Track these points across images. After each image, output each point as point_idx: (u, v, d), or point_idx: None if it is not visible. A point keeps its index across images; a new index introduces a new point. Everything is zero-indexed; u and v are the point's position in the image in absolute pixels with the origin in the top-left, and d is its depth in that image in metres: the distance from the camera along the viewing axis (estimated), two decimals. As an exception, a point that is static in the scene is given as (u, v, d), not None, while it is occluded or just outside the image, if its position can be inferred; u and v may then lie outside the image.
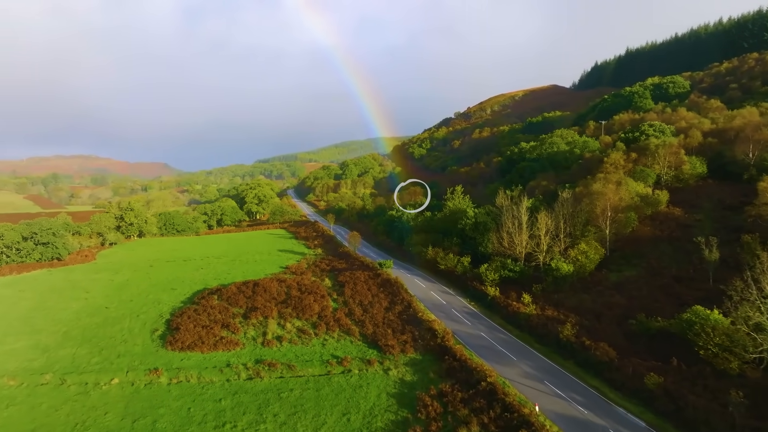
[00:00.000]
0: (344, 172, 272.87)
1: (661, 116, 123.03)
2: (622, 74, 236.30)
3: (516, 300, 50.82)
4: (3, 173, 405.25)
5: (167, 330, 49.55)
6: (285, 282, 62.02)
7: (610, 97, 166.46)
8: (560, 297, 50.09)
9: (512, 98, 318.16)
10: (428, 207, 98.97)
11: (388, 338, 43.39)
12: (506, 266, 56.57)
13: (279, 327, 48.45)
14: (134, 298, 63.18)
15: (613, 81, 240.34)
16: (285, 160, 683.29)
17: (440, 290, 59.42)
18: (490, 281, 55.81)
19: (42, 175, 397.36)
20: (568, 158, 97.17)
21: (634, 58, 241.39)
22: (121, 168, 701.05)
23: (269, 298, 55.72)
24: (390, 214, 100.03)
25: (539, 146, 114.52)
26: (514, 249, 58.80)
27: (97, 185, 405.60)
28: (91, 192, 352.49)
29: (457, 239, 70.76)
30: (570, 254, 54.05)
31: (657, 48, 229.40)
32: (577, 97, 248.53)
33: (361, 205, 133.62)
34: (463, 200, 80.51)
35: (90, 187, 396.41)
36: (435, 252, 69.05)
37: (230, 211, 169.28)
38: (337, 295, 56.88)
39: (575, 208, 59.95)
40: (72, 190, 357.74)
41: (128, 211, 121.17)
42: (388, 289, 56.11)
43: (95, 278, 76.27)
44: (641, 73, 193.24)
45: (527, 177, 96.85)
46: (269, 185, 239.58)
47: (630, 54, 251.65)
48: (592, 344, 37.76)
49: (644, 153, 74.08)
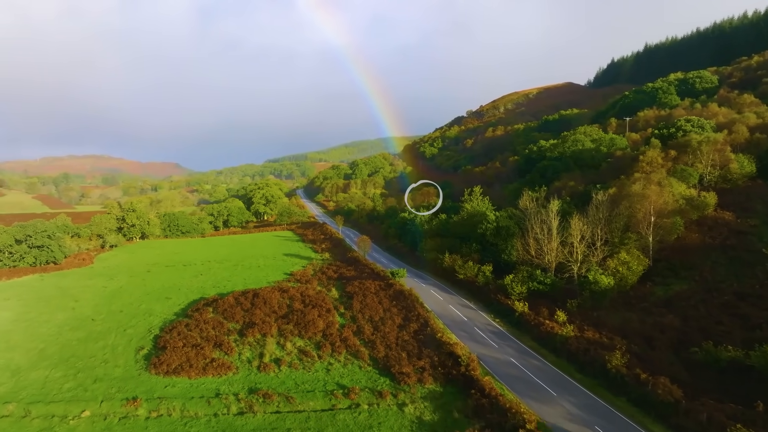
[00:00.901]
0: (354, 171, 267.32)
1: (690, 112, 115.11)
2: (641, 71, 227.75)
3: (548, 317, 44.41)
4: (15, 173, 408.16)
5: (153, 348, 44.15)
6: (287, 292, 56.33)
7: (631, 93, 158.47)
8: (600, 315, 43.57)
9: (526, 96, 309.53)
10: (442, 209, 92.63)
11: (403, 364, 37.35)
12: (535, 277, 50.11)
13: (278, 347, 42.71)
14: (125, 309, 58.06)
15: (631, 78, 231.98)
16: (295, 159, 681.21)
17: (459, 303, 53.15)
18: (517, 294, 49.43)
19: (53, 175, 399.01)
20: (595, 156, 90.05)
21: (653, 54, 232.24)
22: (133, 168, 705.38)
23: (269, 312, 50.04)
24: (402, 216, 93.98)
25: (561, 144, 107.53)
26: (543, 258, 52.33)
27: (108, 185, 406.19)
28: (102, 192, 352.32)
29: (477, 245, 64.42)
30: (609, 265, 47.48)
31: (677, 43, 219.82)
32: (594, 95, 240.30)
33: (372, 206, 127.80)
34: (482, 202, 74.11)
35: (100, 186, 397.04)
36: (452, 259, 62.83)
37: (237, 212, 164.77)
38: (344, 308, 50.97)
39: (611, 212, 53.27)
40: (82, 190, 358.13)
41: (130, 212, 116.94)
42: (402, 303, 50.02)
43: (87, 285, 71.50)
44: (661, 69, 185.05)
45: (549, 177, 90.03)
46: (277, 185, 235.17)
47: (649, 50, 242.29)
48: (649, 378, 31.28)
49: (684, 150, 66.94)
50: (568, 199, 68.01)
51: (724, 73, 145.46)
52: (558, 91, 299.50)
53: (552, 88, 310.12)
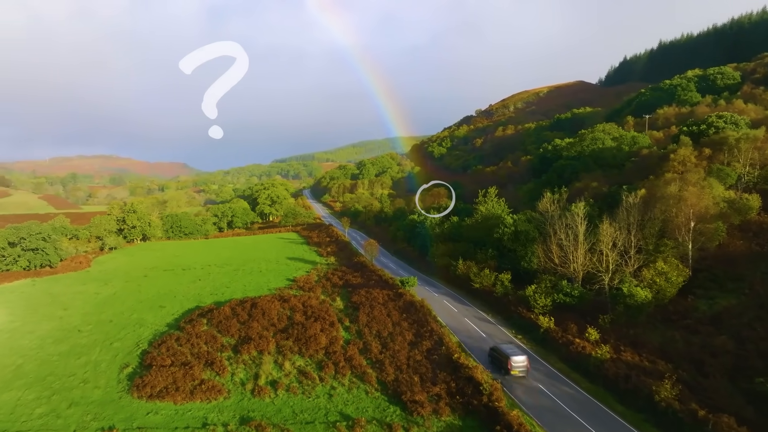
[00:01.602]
0: (361, 171, 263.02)
1: (714, 109, 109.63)
2: (655, 68, 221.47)
3: (578, 335, 39.58)
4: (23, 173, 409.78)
5: (139, 366, 40.02)
6: (288, 302, 51.96)
7: (647, 90, 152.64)
8: (637, 333, 38.64)
9: (536, 95, 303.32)
10: (453, 211, 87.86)
11: (415, 390, 32.76)
12: (561, 289, 45.22)
13: (275, 366, 38.33)
14: (115, 318, 54.16)
15: (645, 76, 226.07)
16: (302, 159, 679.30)
17: (476, 316, 48.37)
18: (541, 308, 44.60)
19: (61, 175, 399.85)
20: (617, 156, 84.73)
21: (668, 52, 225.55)
22: (141, 168, 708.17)
23: (267, 325, 45.73)
24: (411, 218, 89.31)
25: (578, 143, 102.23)
26: (568, 267, 47.43)
27: (115, 185, 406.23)
28: (109, 192, 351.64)
29: (493, 251, 59.60)
30: (644, 275, 42.47)
31: (693, 40, 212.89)
32: (606, 93, 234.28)
33: (379, 207, 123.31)
34: (497, 204, 69.25)
35: (108, 187, 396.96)
36: (466, 266, 58.11)
37: (241, 213, 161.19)
38: (349, 321, 46.47)
39: (644, 216, 48.22)
40: (90, 190, 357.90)
41: (130, 214, 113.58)
42: (413, 316, 45.40)
43: (80, 291, 67.83)
44: (676, 66, 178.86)
45: (568, 177, 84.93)
46: (283, 185, 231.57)
47: (663, 47, 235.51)
48: (709, 416, 26.38)
49: (719, 148, 61.54)
50: (592, 202, 62.99)
51: (746, 69, 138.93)
52: (569, 89, 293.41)
53: (563, 87, 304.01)
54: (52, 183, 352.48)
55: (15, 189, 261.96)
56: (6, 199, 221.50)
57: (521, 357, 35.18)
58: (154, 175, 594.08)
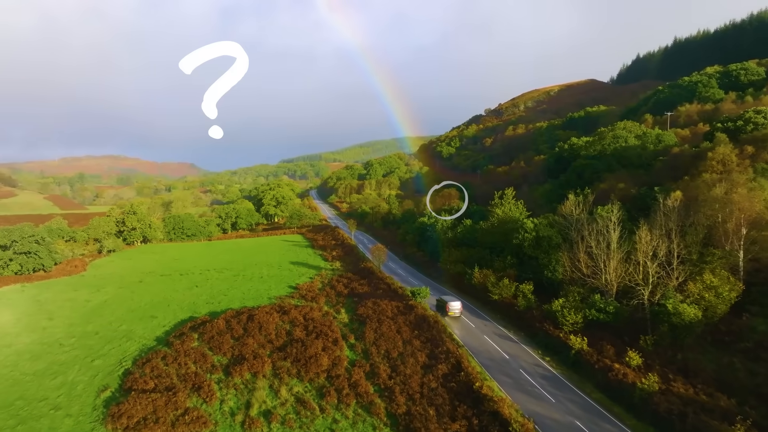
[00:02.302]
0: (368, 171, 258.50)
1: (740, 106, 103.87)
2: (670, 66, 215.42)
3: (616, 358, 34.47)
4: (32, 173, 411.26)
5: (119, 390, 35.65)
6: (288, 314, 47.38)
7: (665, 88, 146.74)
8: (687, 358, 33.46)
9: (547, 94, 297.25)
10: (466, 213, 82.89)
11: (431, 426, 27.98)
12: (593, 304, 40.06)
13: (270, 393, 33.72)
14: (102, 330, 50.04)
15: (659, 74, 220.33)
16: (309, 160, 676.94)
17: (496, 333, 43.32)
18: (570, 325, 39.52)
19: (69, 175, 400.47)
20: (642, 155, 79.16)
21: (684, 49, 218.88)
22: (149, 168, 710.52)
23: (264, 342, 41.20)
24: (421, 221, 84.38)
25: (597, 141, 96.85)
26: (599, 278, 42.29)
27: (123, 185, 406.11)
28: (116, 192, 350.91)
29: (512, 258, 54.54)
30: (690, 289, 37.23)
31: (710, 37, 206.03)
32: (620, 92, 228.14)
33: (387, 208, 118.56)
34: (515, 206, 64.11)
35: (115, 187, 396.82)
36: (483, 275, 53.11)
37: (245, 214, 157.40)
38: (355, 338, 41.72)
39: (685, 222, 42.95)
40: (97, 190, 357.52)
41: (130, 215, 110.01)
42: (426, 333, 40.54)
43: (70, 298, 63.90)
44: (693, 63, 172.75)
45: (588, 178, 79.59)
46: (289, 186, 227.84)
47: (678, 44, 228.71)
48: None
49: (763, 146, 55.97)
50: (620, 205, 57.69)
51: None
52: (580, 88, 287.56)
53: (574, 86, 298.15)
54: (60, 183, 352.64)
55: (21, 189, 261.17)
56: (11, 200, 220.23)
57: (456, 303, 48.92)
58: (161, 175, 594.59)
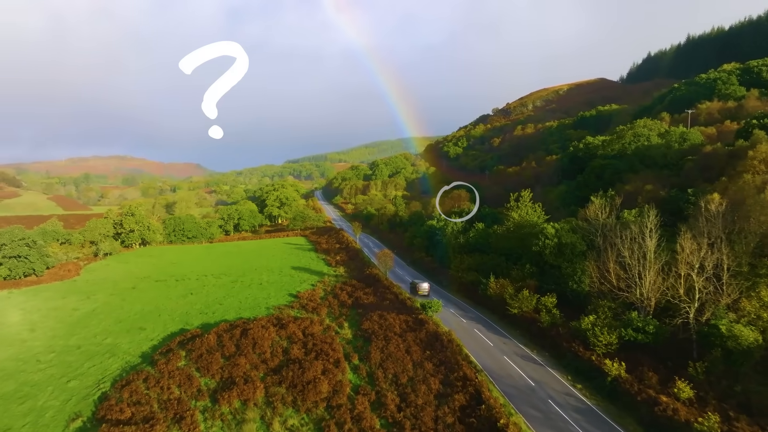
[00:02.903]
0: (374, 172, 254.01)
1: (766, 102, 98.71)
2: (683, 64, 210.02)
3: (660, 388, 29.73)
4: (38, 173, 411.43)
5: (91, 419, 31.50)
6: (286, 329, 43.05)
7: (682, 85, 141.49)
8: (747, 390, 28.62)
9: (556, 93, 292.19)
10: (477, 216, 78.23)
11: (449, 475, 23.43)
12: (630, 322, 35.27)
13: (262, 426, 29.35)
14: (85, 344, 46.09)
15: (671, 72, 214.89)
16: (315, 160, 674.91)
17: (518, 354, 38.61)
18: (604, 346, 34.77)
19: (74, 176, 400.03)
20: (667, 154, 74.02)
21: (697, 46, 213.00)
22: (155, 168, 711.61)
23: (258, 362, 36.89)
24: (429, 224, 79.75)
25: (616, 140, 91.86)
26: (634, 292, 37.55)
27: (128, 185, 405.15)
28: (121, 192, 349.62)
29: (532, 267, 49.81)
30: (744, 308, 32.41)
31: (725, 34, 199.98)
32: (631, 90, 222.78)
33: (393, 210, 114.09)
34: (533, 210, 59.34)
35: (120, 187, 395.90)
36: (500, 285, 48.44)
37: (248, 216, 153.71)
38: (359, 359, 37.24)
39: (731, 229, 38.08)
40: (102, 191, 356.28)
41: (128, 217, 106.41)
42: (439, 355, 35.96)
43: (57, 306, 60.10)
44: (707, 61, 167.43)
45: (609, 179, 74.64)
46: (294, 186, 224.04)
47: (692, 42, 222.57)
48: None
49: (809, 144, 50.79)
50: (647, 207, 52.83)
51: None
52: (590, 87, 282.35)
53: (583, 84, 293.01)
54: (65, 183, 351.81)
55: (25, 190, 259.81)
56: (14, 200, 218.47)
57: (425, 284, 57.10)
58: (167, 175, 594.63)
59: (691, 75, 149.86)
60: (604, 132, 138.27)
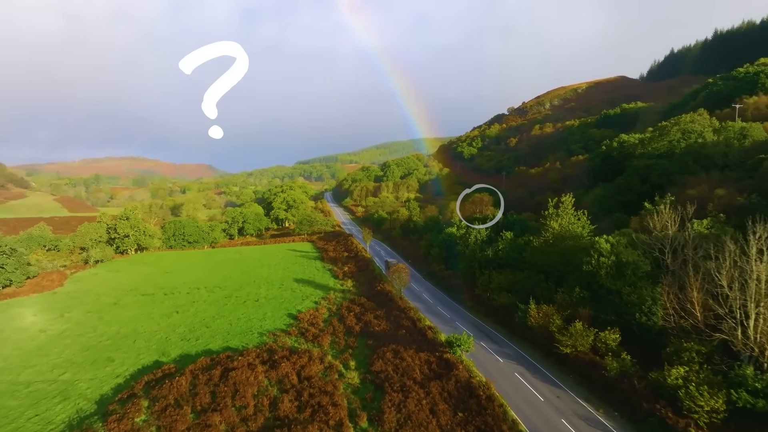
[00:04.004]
0: (385, 173, 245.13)
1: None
2: (710, 59, 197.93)
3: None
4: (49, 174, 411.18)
5: None
6: (278, 369, 34.30)
7: (717, 80, 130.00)
8: None
9: (574, 91, 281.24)
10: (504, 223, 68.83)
11: None
12: (743, 381, 25.71)
13: None
14: (36, 381, 38.07)
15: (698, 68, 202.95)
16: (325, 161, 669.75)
17: (579, 414, 29.07)
18: (706, 413, 25.28)
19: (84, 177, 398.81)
20: (727, 153, 63.74)
21: (726, 41, 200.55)
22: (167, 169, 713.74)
23: (236, 420, 28.18)
24: (449, 232, 70.40)
25: (658, 137, 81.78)
26: (733, 333, 27.96)
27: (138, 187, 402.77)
28: (130, 194, 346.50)
29: (582, 291, 40.31)
30: None
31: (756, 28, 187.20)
32: (656, 88, 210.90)
33: (407, 215, 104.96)
34: (576, 218, 49.68)
35: (130, 188, 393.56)
36: (543, 314, 39.06)
37: (253, 219, 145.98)
38: (368, 419, 28.24)
39: None
40: (112, 192, 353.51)
41: (122, 221, 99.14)
42: (476, 420, 26.69)
43: (23, 327, 52.40)
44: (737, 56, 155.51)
45: (657, 181, 64.80)
46: (302, 188, 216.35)
47: (720, 37, 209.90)
48: None
49: None
50: (724, 218, 43.07)
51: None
52: (610, 85, 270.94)
53: (603, 83, 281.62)
54: (75, 184, 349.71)
55: (33, 191, 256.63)
56: (19, 201, 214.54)
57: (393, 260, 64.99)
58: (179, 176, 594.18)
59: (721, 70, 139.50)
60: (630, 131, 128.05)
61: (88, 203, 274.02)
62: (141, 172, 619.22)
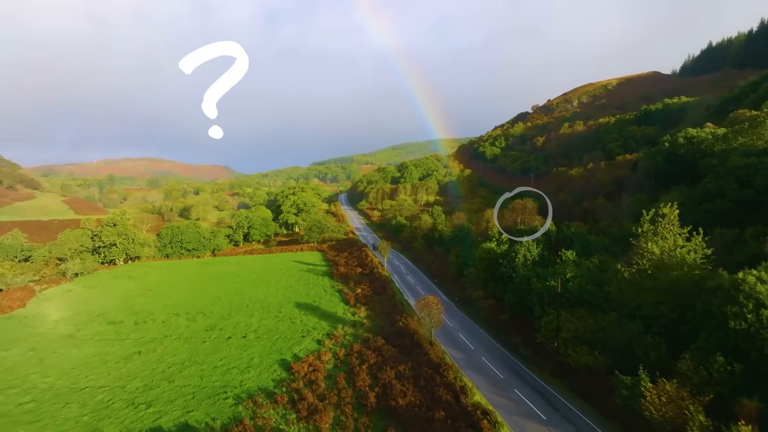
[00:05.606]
0: (403, 174, 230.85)
1: None
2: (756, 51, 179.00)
3: None
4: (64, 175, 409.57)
5: None
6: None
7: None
8: None
9: (604, 87, 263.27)
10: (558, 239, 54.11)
11: None
12: None
13: None
14: None
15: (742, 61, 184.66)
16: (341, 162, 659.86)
17: None
18: None
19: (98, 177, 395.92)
20: None
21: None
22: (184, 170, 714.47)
23: None
24: (487, 248, 55.47)
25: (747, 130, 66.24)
26: None
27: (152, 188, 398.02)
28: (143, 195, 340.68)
29: (730, 362, 25.49)
30: None
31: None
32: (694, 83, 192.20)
33: (431, 223, 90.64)
34: (680, 237, 34.69)
35: (144, 189, 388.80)
36: (666, 399, 24.44)
37: (259, 224, 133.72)
38: None
39: None
40: (126, 193, 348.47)
41: (108, 227, 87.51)
42: None
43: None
44: None
45: (764, 184, 49.40)
46: (315, 190, 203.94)
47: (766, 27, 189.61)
48: None
49: None
50: None
51: None
52: (642, 81, 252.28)
53: (635, 78, 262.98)
54: (89, 185, 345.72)
55: (43, 192, 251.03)
56: (26, 203, 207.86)
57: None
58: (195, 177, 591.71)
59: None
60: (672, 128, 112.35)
61: (99, 204, 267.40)
62: (157, 172, 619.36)
